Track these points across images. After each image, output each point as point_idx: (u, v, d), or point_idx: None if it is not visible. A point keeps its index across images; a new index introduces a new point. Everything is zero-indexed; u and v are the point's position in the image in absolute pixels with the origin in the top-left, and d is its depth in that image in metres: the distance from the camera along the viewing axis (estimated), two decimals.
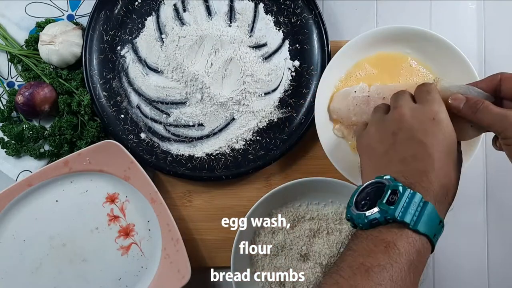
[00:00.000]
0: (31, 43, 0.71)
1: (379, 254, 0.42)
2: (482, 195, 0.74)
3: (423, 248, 0.43)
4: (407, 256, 0.42)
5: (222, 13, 0.71)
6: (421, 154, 0.46)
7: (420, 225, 0.43)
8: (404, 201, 0.43)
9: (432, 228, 0.44)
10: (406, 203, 0.43)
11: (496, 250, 0.73)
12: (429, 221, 0.43)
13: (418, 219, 0.43)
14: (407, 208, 0.43)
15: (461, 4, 0.75)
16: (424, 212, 0.43)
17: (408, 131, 0.48)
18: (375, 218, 0.44)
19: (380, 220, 0.44)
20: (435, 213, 0.44)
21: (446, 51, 0.67)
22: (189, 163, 0.70)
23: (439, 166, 0.46)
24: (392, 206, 0.43)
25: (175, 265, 0.68)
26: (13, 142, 0.70)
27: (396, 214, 0.43)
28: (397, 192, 0.44)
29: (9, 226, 0.68)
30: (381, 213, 0.44)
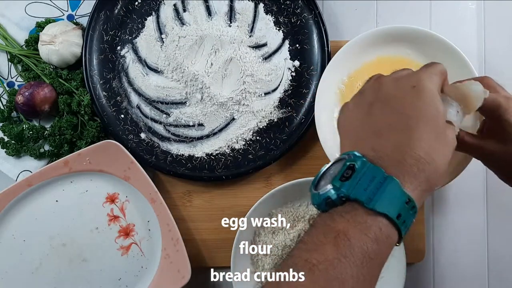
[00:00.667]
0: (31, 43, 0.71)
1: (327, 246, 0.36)
2: (482, 195, 0.74)
3: (383, 234, 0.37)
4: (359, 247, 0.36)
5: (222, 13, 0.71)
6: (396, 125, 0.41)
7: (378, 203, 0.37)
8: (359, 176, 0.38)
9: (394, 206, 0.37)
10: (362, 178, 0.38)
11: (496, 250, 0.73)
12: (390, 198, 0.37)
13: (376, 196, 0.37)
14: (362, 183, 0.37)
15: (461, 4, 0.75)
16: (384, 188, 0.37)
17: (385, 100, 0.42)
18: (329, 197, 0.38)
19: (333, 198, 0.38)
20: (399, 189, 0.37)
21: (446, 51, 0.67)
22: (189, 163, 0.70)
23: (415, 137, 0.39)
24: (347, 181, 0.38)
25: (175, 265, 0.68)
26: (13, 142, 0.70)
27: (348, 191, 0.38)
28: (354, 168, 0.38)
29: (9, 226, 0.68)
30: (335, 190, 0.38)
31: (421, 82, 0.42)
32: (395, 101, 0.42)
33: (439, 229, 0.73)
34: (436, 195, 0.73)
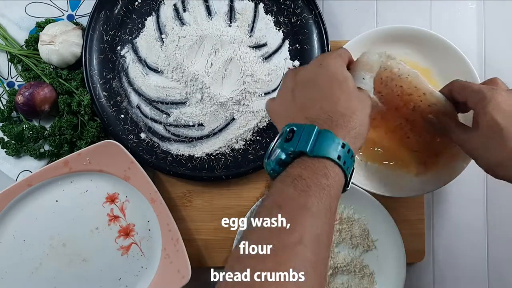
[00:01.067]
0: (31, 43, 0.71)
1: (289, 188, 0.43)
2: (482, 195, 0.74)
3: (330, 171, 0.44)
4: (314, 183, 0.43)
5: (222, 13, 0.71)
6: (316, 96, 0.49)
7: (318, 150, 0.45)
8: (299, 135, 0.46)
9: (331, 150, 0.45)
10: (302, 136, 0.46)
11: (496, 250, 0.73)
12: (327, 145, 0.45)
13: (315, 145, 0.45)
14: (303, 139, 0.45)
15: (461, 4, 0.75)
16: (320, 138, 0.45)
17: (301, 82, 0.51)
18: (280, 158, 0.46)
19: (283, 158, 0.46)
20: (332, 137, 0.45)
21: (446, 51, 0.67)
22: (189, 163, 0.70)
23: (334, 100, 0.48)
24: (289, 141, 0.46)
25: (175, 265, 0.68)
26: (13, 142, 0.70)
27: (293, 147, 0.45)
28: (294, 130, 0.47)
29: (9, 226, 0.68)
30: (283, 150, 0.46)
31: (325, 60, 0.51)
32: (310, 80, 0.50)
33: (439, 229, 0.73)
34: (436, 195, 0.73)
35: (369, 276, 0.70)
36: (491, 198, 0.74)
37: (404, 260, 0.67)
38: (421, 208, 0.72)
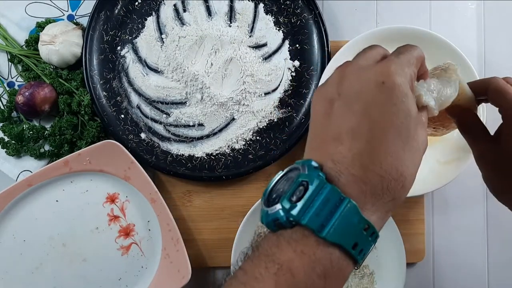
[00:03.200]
0: (31, 43, 0.71)
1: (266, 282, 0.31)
2: (482, 195, 0.74)
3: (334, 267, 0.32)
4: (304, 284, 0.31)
5: (222, 13, 0.71)
6: (359, 130, 0.34)
7: (331, 232, 0.32)
8: (312, 198, 0.32)
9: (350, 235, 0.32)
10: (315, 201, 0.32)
11: (496, 250, 0.73)
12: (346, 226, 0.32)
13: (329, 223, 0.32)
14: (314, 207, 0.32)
15: (461, 4, 0.75)
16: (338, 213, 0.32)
17: (347, 97, 0.36)
18: (277, 218, 0.33)
19: (282, 221, 0.33)
20: (356, 215, 0.32)
21: (446, 51, 0.67)
22: (189, 163, 0.70)
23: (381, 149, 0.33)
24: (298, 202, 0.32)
25: (175, 265, 0.68)
26: (13, 142, 0.70)
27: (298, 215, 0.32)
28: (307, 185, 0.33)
29: (9, 226, 0.68)
30: (284, 211, 0.33)
31: (391, 78, 0.34)
32: (359, 100, 0.35)
33: (439, 229, 0.73)
34: (436, 195, 0.73)
35: (369, 276, 0.70)
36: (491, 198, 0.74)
37: (404, 260, 0.67)
38: (421, 208, 0.72)
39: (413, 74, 0.37)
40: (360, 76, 0.36)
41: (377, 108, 0.34)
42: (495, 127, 0.71)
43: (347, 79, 0.36)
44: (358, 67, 0.37)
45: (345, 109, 0.35)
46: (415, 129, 0.35)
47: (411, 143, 0.34)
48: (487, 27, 0.75)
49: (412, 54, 0.38)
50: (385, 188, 0.33)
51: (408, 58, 0.37)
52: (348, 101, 0.35)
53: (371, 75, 0.35)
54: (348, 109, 0.35)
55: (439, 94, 0.41)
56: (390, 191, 0.34)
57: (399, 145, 0.34)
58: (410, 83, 0.36)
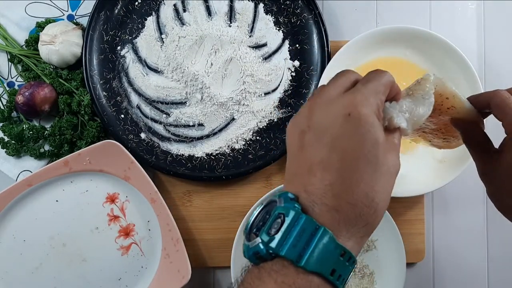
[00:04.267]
0: (31, 43, 0.71)
1: None
2: (482, 195, 0.74)
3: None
4: None
5: (222, 13, 0.71)
6: (329, 162, 0.35)
7: (308, 261, 0.33)
8: (289, 229, 0.33)
9: (327, 262, 0.33)
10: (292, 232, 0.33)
11: (496, 250, 0.73)
12: (322, 254, 0.33)
13: (306, 253, 0.33)
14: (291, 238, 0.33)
15: (461, 4, 0.75)
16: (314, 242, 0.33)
17: (316, 130, 0.37)
18: (257, 251, 0.34)
19: (262, 254, 0.34)
20: (332, 242, 0.33)
21: (446, 51, 0.67)
22: (189, 163, 0.70)
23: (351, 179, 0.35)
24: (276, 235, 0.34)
25: (175, 265, 0.68)
26: (13, 142, 0.70)
27: (274, 246, 0.33)
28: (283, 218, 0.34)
29: (9, 226, 0.68)
30: (263, 244, 0.34)
31: (356, 109, 0.35)
32: (327, 132, 0.36)
33: (439, 229, 0.73)
34: (436, 195, 0.73)
35: (369, 276, 0.70)
36: None
37: (404, 260, 0.67)
38: (421, 208, 0.72)
39: (379, 102, 0.37)
40: (328, 108, 0.37)
41: (345, 139, 0.35)
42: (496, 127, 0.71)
43: (316, 111, 0.37)
44: (326, 99, 0.38)
45: (315, 141, 0.36)
46: (384, 155, 0.36)
47: (381, 169, 0.35)
48: (487, 27, 0.75)
49: (380, 81, 0.38)
50: (357, 215, 0.35)
51: (375, 87, 0.37)
52: (317, 133, 0.36)
53: (338, 108, 0.36)
54: (318, 142, 0.36)
55: (412, 114, 0.41)
56: (363, 217, 0.35)
57: (368, 173, 0.35)
58: (377, 112, 0.37)
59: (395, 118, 0.39)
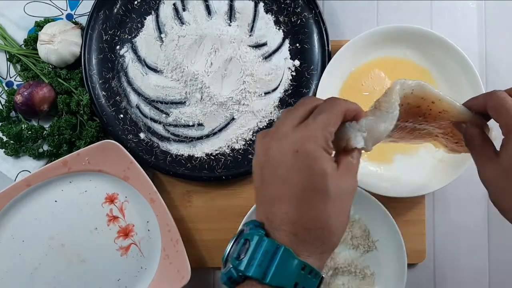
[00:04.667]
0: (30, 42, 0.71)
1: None
2: (483, 195, 0.73)
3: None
4: None
5: (222, 12, 0.71)
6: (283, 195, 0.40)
7: (272, 278, 0.37)
8: (253, 252, 0.38)
9: (289, 277, 0.38)
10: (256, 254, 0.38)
11: (497, 250, 0.73)
12: (284, 270, 0.38)
13: (269, 271, 0.37)
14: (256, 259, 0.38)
15: (462, 3, 0.75)
16: (276, 260, 0.38)
17: (272, 165, 0.41)
18: (230, 276, 0.39)
19: (234, 277, 0.39)
20: (291, 259, 0.38)
21: (446, 50, 0.67)
22: (189, 163, 0.70)
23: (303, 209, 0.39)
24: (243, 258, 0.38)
25: (174, 265, 0.67)
26: (11, 142, 0.70)
27: (243, 269, 0.38)
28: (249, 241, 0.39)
29: (8, 226, 0.67)
30: (234, 268, 0.39)
31: (304, 146, 0.39)
32: (280, 167, 0.40)
33: (440, 229, 0.73)
34: (437, 196, 0.73)
35: (370, 277, 0.70)
36: None
37: (404, 261, 0.67)
38: (422, 209, 0.71)
39: (328, 135, 0.40)
40: (281, 144, 0.40)
41: (295, 173, 0.39)
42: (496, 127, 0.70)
43: (272, 147, 0.41)
44: (281, 134, 0.41)
45: (272, 175, 0.41)
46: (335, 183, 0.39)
47: (332, 196, 0.39)
48: (488, 26, 0.74)
49: (332, 112, 0.40)
50: (313, 237, 0.39)
51: (325, 119, 0.40)
52: (273, 168, 0.41)
53: (289, 144, 0.40)
54: (274, 176, 0.40)
55: (371, 132, 0.42)
56: (318, 238, 0.39)
57: (320, 200, 0.39)
58: (325, 144, 0.39)
59: (352, 139, 0.41)
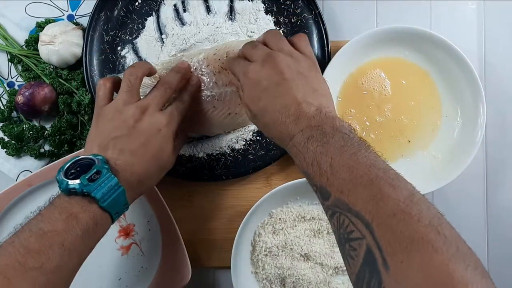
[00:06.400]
0: (31, 43, 0.71)
1: (59, 222, 0.47)
2: (483, 195, 0.74)
3: (103, 221, 0.50)
4: (83, 226, 0.48)
5: (222, 13, 0.71)
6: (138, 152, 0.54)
7: (107, 204, 0.50)
8: (102, 181, 0.49)
9: (116, 208, 0.51)
10: (103, 184, 0.49)
11: (496, 249, 0.73)
12: (116, 202, 0.51)
13: (108, 198, 0.50)
14: (103, 187, 0.49)
15: (461, 4, 0.75)
16: (115, 194, 0.50)
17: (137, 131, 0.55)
18: (74, 188, 0.49)
19: (78, 190, 0.49)
20: (124, 197, 0.51)
21: (446, 51, 0.67)
22: (190, 163, 0.70)
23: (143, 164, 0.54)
24: (92, 183, 0.49)
25: (175, 265, 0.68)
26: (13, 142, 0.70)
27: (91, 190, 0.49)
28: (100, 172, 0.50)
29: (9, 226, 0.68)
30: (80, 185, 0.49)
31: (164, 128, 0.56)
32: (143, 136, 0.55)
33: None
34: (436, 194, 0.73)
35: None
36: (492, 197, 0.74)
37: None
38: None
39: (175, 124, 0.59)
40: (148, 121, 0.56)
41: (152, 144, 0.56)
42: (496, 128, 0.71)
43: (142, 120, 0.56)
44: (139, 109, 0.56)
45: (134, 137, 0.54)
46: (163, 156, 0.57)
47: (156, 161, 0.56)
48: (488, 27, 0.74)
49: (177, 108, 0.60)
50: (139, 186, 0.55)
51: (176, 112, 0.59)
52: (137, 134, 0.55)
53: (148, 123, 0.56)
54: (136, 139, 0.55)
55: None
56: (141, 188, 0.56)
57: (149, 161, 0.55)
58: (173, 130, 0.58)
59: None
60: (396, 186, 0.42)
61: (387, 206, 0.40)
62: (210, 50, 0.62)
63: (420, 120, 0.71)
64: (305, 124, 0.50)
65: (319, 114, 0.51)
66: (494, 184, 0.73)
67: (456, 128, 0.70)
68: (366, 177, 0.43)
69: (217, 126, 0.68)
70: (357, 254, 0.41)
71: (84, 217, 0.48)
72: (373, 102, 0.70)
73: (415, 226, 0.38)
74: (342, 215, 0.43)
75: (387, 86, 0.70)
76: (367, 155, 0.45)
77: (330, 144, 0.47)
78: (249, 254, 0.70)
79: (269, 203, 0.68)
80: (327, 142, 0.47)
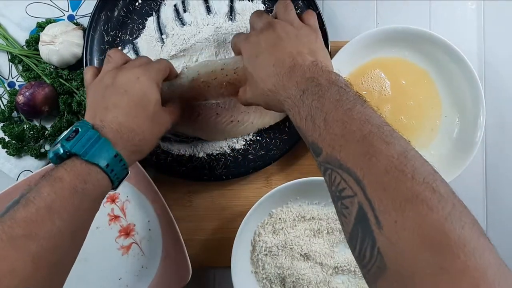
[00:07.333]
0: (32, 43, 0.71)
1: (45, 187, 0.46)
2: (482, 194, 0.74)
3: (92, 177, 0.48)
4: (69, 185, 0.46)
5: (222, 13, 0.72)
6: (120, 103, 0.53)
7: (89, 155, 0.48)
8: (80, 137, 0.49)
9: (103, 159, 0.49)
10: (82, 139, 0.49)
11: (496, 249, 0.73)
12: (100, 153, 0.49)
13: (88, 150, 0.48)
14: (82, 142, 0.49)
15: (461, 4, 0.75)
16: (96, 145, 0.49)
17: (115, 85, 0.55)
18: (57, 152, 0.49)
19: (60, 153, 0.49)
20: (108, 147, 0.50)
21: (445, 51, 0.67)
22: (190, 163, 0.71)
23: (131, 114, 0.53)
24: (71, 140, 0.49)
25: (175, 265, 0.68)
26: (13, 142, 0.70)
27: (70, 147, 0.48)
28: (78, 130, 0.50)
29: None
30: (61, 147, 0.49)
31: (144, 76, 0.55)
32: (122, 87, 0.54)
33: None
34: None
35: None
36: (491, 197, 0.74)
37: None
38: None
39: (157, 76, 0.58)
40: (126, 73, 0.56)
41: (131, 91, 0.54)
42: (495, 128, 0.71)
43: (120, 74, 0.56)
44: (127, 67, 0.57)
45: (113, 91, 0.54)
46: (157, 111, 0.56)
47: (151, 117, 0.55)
48: (487, 27, 0.75)
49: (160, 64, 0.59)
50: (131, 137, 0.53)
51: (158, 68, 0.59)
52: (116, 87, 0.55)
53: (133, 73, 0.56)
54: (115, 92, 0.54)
55: None
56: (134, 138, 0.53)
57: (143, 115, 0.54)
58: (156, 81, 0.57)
59: None
60: (390, 142, 0.40)
61: (380, 162, 0.39)
62: (217, 65, 0.62)
63: (420, 120, 0.71)
64: (300, 75, 0.50)
65: (315, 66, 0.50)
66: (494, 184, 0.74)
67: (455, 128, 0.70)
68: (359, 133, 0.41)
69: (218, 133, 0.68)
70: (349, 212, 0.39)
71: (68, 177, 0.47)
72: (372, 102, 0.69)
73: (409, 184, 0.37)
74: (334, 171, 0.41)
75: (386, 86, 0.70)
76: (362, 110, 0.44)
77: (325, 98, 0.46)
78: (249, 254, 0.70)
79: (269, 203, 0.68)
80: (322, 96, 0.46)
